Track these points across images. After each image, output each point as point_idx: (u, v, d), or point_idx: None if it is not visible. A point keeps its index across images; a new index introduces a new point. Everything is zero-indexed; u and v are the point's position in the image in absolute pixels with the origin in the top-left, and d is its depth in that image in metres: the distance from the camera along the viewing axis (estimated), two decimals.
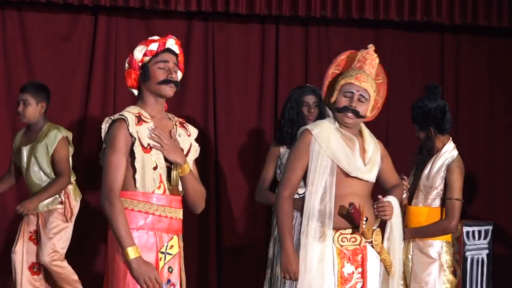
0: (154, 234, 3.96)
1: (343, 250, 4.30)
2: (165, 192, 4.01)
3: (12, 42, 6.91)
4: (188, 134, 4.17)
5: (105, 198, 3.88)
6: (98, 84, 7.00)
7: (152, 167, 3.96)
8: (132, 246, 3.84)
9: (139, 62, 4.05)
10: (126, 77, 4.09)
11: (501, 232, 7.47)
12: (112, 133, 3.95)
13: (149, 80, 4.03)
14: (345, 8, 7.20)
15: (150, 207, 3.96)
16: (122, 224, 3.84)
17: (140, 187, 3.94)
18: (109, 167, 3.91)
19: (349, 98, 4.29)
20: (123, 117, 3.95)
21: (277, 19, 7.30)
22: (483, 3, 7.47)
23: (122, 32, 7.07)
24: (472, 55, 7.76)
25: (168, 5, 6.89)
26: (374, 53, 4.43)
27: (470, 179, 7.39)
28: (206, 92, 7.18)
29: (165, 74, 4.03)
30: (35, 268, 6.07)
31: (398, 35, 7.56)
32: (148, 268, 3.85)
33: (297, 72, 7.36)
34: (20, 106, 6.02)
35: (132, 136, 3.93)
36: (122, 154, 3.92)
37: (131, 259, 3.83)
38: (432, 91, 5.34)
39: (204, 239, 7.13)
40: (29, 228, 6.06)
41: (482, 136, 7.78)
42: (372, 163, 4.36)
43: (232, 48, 7.26)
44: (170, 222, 4.02)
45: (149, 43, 4.06)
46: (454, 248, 6.48)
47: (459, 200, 5.12)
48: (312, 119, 5.73)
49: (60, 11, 6.97)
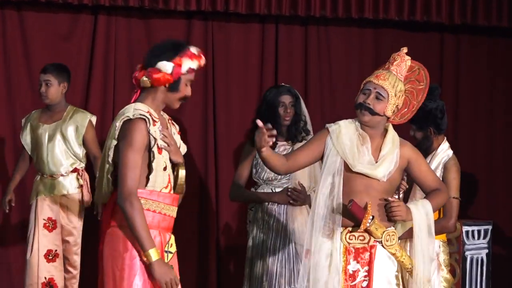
0: (159, 233, 3.97)
1: (350, 247, 4.31)
2: (171, 191, 4.02)
3: (12, 42, 6.91)
4: (178, 132, 4.18)
5: (125, 199, 3.85)
6: (97, 83, 7.01)
7: (162, 167, 3.97)
8: (153, 248, 3.84)
9: (181, 73, 4.00)
10: (158, 78, 3.97)
11: (501, 232, 7.47)
12: (132, 132, 3.89)
13: (176, 92, 4.01)
14: (344, 8, 7.20)
15: (157, 206, 3.97)
16: (143, 225, 3.84)
17: (151, 186, 3.95)
18: (128, 167, 3.87)
19: (366, 95, 4.34)
20: (144, 117, 3.91)
21: (276, 19, 7.30)
22: (483, 3, 7.47)
23: (121, 31, 7.08)
24: (472, 55, 7.76)
25: (167, 4, 6.90)
26: (406, 55, 4.44)
27: (470, 179, 7.39)
28: (206, 91, 7.18)
29: (189, 93, 4.05)
30: (50, 256, 6.08)
31: (397, 35, 7.56)
32: (169, 270, 3.88)
33: (296, 72, 7.36)
34: (43, 87, 6.13)
35: (152, 137, 3.92)
36: (140, 154, 3.89)
37: (154, 261, 3.83)
38: (433, 92, 5.33)
39: (204, 239, 7.12)
40: (42, 216, 6.08)
41: (482, 136, 7.78)
42: (384, 161, 4.34)
43: (232, 48, 7.26)
44: (170, 220, 4.04)
45: (194, 59, 4.02)
46: (453, 248, 6.50)
47: (457, 198, 5.12)
48: (288, 120, 5.72)
49: (60, 11, 6.98)
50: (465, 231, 6.61)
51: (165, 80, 3.98)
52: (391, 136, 4.41)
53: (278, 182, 5.68)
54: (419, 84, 4.46)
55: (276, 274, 5.57)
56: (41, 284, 6.02)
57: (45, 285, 6.04)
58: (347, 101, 7.37)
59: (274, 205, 5.66)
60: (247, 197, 5.75)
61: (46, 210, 6.09)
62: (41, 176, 6.13)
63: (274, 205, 5.66)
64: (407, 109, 4.44)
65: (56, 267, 6.08)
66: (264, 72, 7.29)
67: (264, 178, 5.70)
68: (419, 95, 4.46)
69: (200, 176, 7.16)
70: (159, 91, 4.02)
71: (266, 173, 5.67)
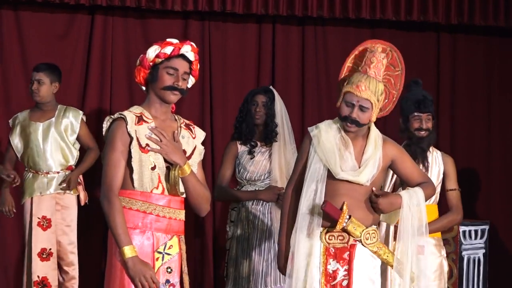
0: (151, 234, 3.95)
1: (330, 247, 4.34)
2: (164, 192, 3.99)
3: (8, 41, 6.90)
4: (193, 137, 4.15)
5: (104, 197, 3.90)
6: (94, 83, 7.00)
7: (150, 167, 3.95)
8: (128, 245, 3.84)
9: (150, 61, 4.02)
10: (136, 73, 4.07)
11: (498, 232, 7.49)
12: (111, 132, 3.96)
13: (156, 82, 4.02)
14: (341, 8, 7.21)
15: (148, 207, 3.95)
16: (120, 223, 3.85)
17: (138, 186, 3.94)
18: (108, 165, 3.92)
19: (350, 108, 4.31)
20: (122, 116, 3.95)
21: (273, 19, 7.30)
22: (479, 3, 7.49)
23: (118, 31, 7.07)
24: (468, 54, 7.78)
25: (164, 4, 6.89)
26: (382, 54, 4.37)
27: (467, 179, 7.41)
28: (203, 91, 7.18)
29: (171, 80, 4.00)
30: (44, 254, 6.08)
31: (394, 35, 7.57)
32: (144, 267, 3.85)
33: (293, 72, 7.36)
34: (35, 85, 6.17)
35: (130, 135, 3.93)
36: (120, 153, 3.92)
37: (127, 258, 3.83)
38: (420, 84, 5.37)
39: (201, 240, 7.13)
40: (37, 214, 6.08)
41: (478, 135, 7.80)
42: (366, 166, 4.34)
43: (229, 48, 7.26)
44: (168, 222, 4.00)
45: (164, 45, 4.02)
46: (450, 248, 6.51)
47: (460, 190, 5.21)
48: (259, 118, 5.73)
49: (57, 11, 6.97)
50: (462, 231, 6.62)
51: (140, 72, 4.04)
52: (374, 137, 4.41)
53: (261, 182, 5.69)
54: (395, 70, 4.42)
55: (262, 273, 5.58)
56: (34, 282, 6.01)
57: (38, 283, 6.03)
58: None
59: (258, 205, 5.67)
60: (232, 195, 5.75)
61: (41, 208, 6.09)
62: (35, 173, 6.13)
63: (258, 205, 5.67)
64: (388, 100, 4.44)
65: (49, 265, 6.08)
66: (261, 72, 7.30)
67: (247, 178, 5.71)
68: (397, 83, 4.43)
69: None
70: (150, 89, 4.06)
71: (249, 173, 5.68)
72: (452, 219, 5.26)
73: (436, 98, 7.66)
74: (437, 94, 7.68)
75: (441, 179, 5.26)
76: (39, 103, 6.20)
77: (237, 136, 5.82)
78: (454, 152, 7.63)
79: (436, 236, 5.24)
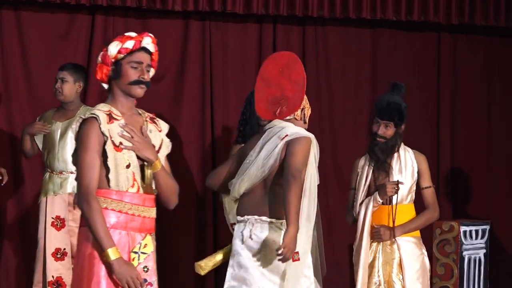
0: (126, 233, 3.93)
1: None
2: (139, 190, 3.97)
3: (9, 42, 6.90)
4: (159, 130, 4.11)
5: (83, 199, 3.85)
6: (95, 83, 6.98)
7: (125, 165, 3.92)
8: (112, 247, 3.82)
9: (112, 58, 3.97)
10: (97, 70, 4.01)
11: (499, 231, 7.48)
12: (83, 132, 3.90)
13: (121, 78, 3.97)
14: (342, 8, 7.20)
15: (123, 206, 3.93)
16: (101, 224, 3.82)
17: (114, 186, 3.91)
18: (83, 167, 3.87)
19: None
20: (95, 115, 3.90)
21: (274, 19, 7.30)
22: (480, 3, 7.48)
23: (119, 31, 6.96)
24: (469, 54, 7.77)
25: (165, 4, 6.89)
26: None
27: (467, 179, 7.41)
28: (203, 91, 7.18)
29: (137, 75, 3.97)
30: (58, 254, 6.07)
31: (395, 35, 7.57)
32: (130, 268, 3.85)
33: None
34: (58, 83, 6.14)
35: (104, 135, 3.89)
36: (95, 153, 3.88)
37: (113, 260, 3.81)
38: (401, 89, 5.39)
39: (201, 238, 7.13)
40: (51, 214, 6.07)
41: (479, 135, 7.79)
42: None
43: (229, 48, 7.25)
44: (142, 221, 3.98)
45: (124, 40, 3.98)
46: (451, 248, 6.51)
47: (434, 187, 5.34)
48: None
49: (57, 11, 6.97)
50: (462, 231, 6.61)
51: (102, 69, 3.99)
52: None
53: None
54: None
55: None
56: (48, 282, 6.01)
57: (53, 283, 6.03)
58: (344, 101, 7.40)
59: None
60: None
61: (54, 208, 6.09)
62: (51, 173, 6.13)
63: None
64: None
65: (64, 265, 6.07)
66: None
67: None
68: None
69: (197, 176, 7.16)
70: (113, 85, 4.00)
71: None
72: (430, 217, 5.37)
73: (437, 98, 7.66)
74: (437, 94, 7.68)
75: (416, 178, 5.31)
76: (62, 103, 6.19)
77: (241, 139, 5.82)
78: (454, 152, 7.64)
79: (416, 235, 5.34)
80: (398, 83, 5.41)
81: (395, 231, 5.23)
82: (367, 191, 5.33)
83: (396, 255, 5.24)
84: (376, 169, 5.31)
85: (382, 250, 5.27)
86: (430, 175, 5.38)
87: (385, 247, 5.27)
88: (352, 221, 5.39)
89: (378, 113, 5.27)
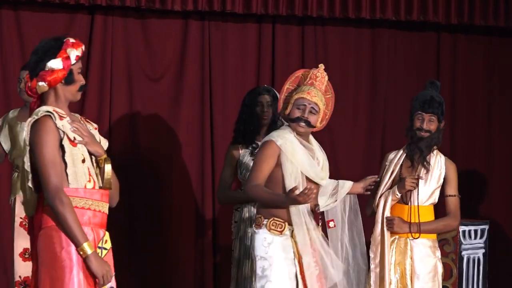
0: (91, 229, 3.96)
1: None
2: (95, 186, 3.99)
3: (8, 42, 6.90)
4: (95, 128, 4.17)
5: (54, 197, 3.85)
6: (94, 83, 6.99)
7: (80, 160, 3.95)
8: (87, 242, 3.86)
9: (72, 64, 4.00)
10: (46, 76, 3.97)
11: (498, 231, 7.48)
12: (40, 130, 3.90)
13: (72, 84, 4.02)
14: (341, 8, 7.21)
15: (85, 202, 3.94)
16: (75, 220, 3.85)
17: (73, 181, 3.92)
18: (47, 165, 3.87)
19: (301, 110, 4.87)
20: (49, 113, 3.93)
21: (273, 19, 7.30)
22: (479, 3, 7.49)
23: (118, 31, 7.06)
24: (468, 54, 7.78)
25: (164, 4, 6.89)
26: (324, 72, 4.98)
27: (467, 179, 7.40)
28: (203, 92, 7.18)
29: (83, 80, 4.06)
30: (26, 254, 6.05)
31: (394, 34, 7.58)
32: (104, 263, 3.91)
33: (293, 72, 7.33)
34: (22, 83, 6.09)
35: (60, 130, 3.92)
36: (55, 149, 3.90)
37: (90, 254, 3.85)
38: (438, 86, 5.37)
39: (201, 239, 7.12)
40: (19, 214, 6.05)
41: (478, 135, 7.80)
42: (325, 170, 5.02)
43: (229, 48, 7.26)
44: (102, 216, 4.02)
45: (77, 47, 4.02)
46: (450, 247, 6.51)
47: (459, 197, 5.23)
48: (266, 119, 5.78)
49: (57, 11, 6.96)
50: (461, 230, 6.62)
51: (61, 76, 3.99)
52: (316, 143, 5.04)
53: None
54: (327, 94, 5.01)
55: None
56: (16, 282, 5.98)
57: (20, 283, 6.00)
58: (344, 101, 7.40)
59: None
60: (237, 198, 5.76)
61: (22, 208, 6.06)
62: (19, 173, 6.11)
63: None
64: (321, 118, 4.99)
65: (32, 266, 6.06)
66: (261, 72, 7.30)
67: None
68: (328, 105, 5.03)
69: (197, 176, 7.15)
70: (58, 89, 4.02)
71: None
72: (448, 224, 5.24)
73: None
74: None
75: (441, 183, 5.25)
76: (27, 102, 6.16)
77: (240, 139, 5.82)
78: (454, 152, 7.64)
79: (431, 238, 5.23)
80: (435, 80, 5.41)
81: (411, 226, 5.14)
82: (390, 185, 5.26)
83: (409, 255, 5.17)
84: (416, 165, 5.22)
85: (396, 248, 5.19)
86: (457, 185, 5.26)
87: (399, 246, 5.18)
88: (371, 213, 5.31)
89: (421, 107, 5.19)
